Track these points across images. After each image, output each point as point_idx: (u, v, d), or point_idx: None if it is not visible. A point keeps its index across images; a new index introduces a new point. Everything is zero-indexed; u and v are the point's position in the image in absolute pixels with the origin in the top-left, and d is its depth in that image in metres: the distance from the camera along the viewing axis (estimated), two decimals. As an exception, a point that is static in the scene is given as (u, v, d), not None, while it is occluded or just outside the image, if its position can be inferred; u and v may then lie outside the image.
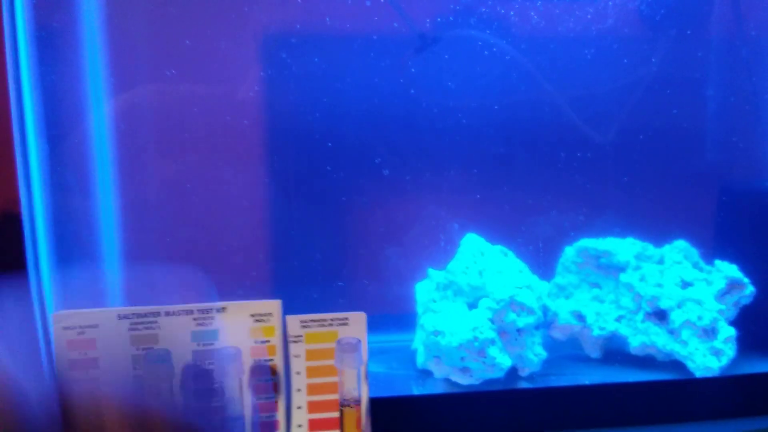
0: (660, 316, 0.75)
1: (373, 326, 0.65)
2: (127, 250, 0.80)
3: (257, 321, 0.63)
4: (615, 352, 0.78)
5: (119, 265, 0.80)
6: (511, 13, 0.82)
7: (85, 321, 0.61)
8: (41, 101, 0.72)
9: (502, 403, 0.71)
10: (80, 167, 0.76)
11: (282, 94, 0.80)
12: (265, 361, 0.63)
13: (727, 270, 0.75)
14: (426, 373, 0.75)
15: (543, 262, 0.81)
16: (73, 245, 0.76)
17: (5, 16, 0.63)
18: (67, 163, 0.75)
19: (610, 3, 0.83)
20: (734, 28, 0.86)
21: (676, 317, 0.73)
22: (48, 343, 0.67)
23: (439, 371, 0.73)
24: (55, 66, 0.73)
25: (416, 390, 0.72)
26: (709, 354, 0.72)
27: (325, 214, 0.84)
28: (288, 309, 0.63)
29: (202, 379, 0.62)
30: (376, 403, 0.65)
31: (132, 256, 0.80)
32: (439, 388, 0.72)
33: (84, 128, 0.76)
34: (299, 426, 0.64)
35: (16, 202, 0.64)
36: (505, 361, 0.70)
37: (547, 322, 0.77)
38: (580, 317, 0.77)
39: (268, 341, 0.63)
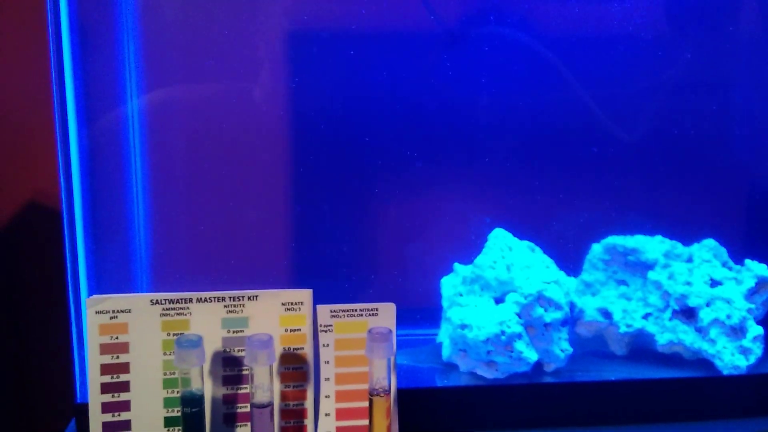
0: (688, 314, 0.75)
1: (399, 319, 0.65)
2: (160, 240, 0.80)
3: (288, 310, 0.63)
4: (641, 349, 0.77)
5: (152, 255, 0.81)
6: (543, 10, 0.82)
7: (118, 306, 0.62)
8: (81, 95, 0.73)
9: (528, 398, 0.71)
10: (117, 161, 0.77)
11: (312, 89, 0.81)
12: (295, 349, 0.63)
13: (757, 269, 0.75)
14: (451, 366, 0.75)
15: (570, 259, 0.81)
16: (109, 235, 0.77)
17: (48, 13, 0.64)
18: (104, 157, 0.76)
19: (640, 3, 0.83)
20: (761, 26, 0.85)
21: (705, 315, 0.72)
22: (80, 326, 0.68)
23: (464, 364, 0.73)
24: (94, 61, 0.74)
25: (441, 383, 0.72)
26: (738, 353, 0.72)
27: (354, 208, 0.84)
28: (317, 300, 0.64)
29: (231, 365, 0.63)
30: (401, 395, 0.65)
31: (165, 246, 0.80)
32: (464, 381, 0.72)
33: (119, 121, 0.77)
34: (327, 414, 0.64)
35: (56, 194, 0.65)
36: (531, 356, 0.70)
37: (572, 318, 0.77)
38: (607, 314, 0.77)
39: (298, 330, 0.63)
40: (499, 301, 0.73)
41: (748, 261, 0.76)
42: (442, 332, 0.78)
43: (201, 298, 0.63)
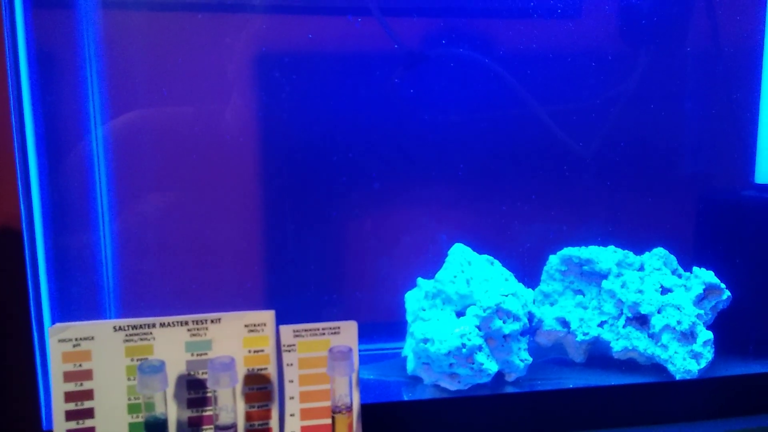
0: (641, 321, 0.77)
1: (365, 334, 0.66)
2: (124, 263, 0.81)
3: (251, 331, 0.64)
4: (598, 356, 0.80)
5: (117, 279, 0.81)
6: (496, 30, 0.85)
7: (81, 333, 0.62)
8: (41, 120, 0.74)
9: (490, 408, 0.73)
10: (78, 183, 0.78)
11: (275, 111, 0.82)
12: (259, 369, 0.64)
13: (705, 276, 0.78)
14: (416, 380, 0.76)
15: (528, 271, 0.83)
16: (71, 260, 0.78)
17: (6, 39, 0.65)
18: (65, 179, 0.77)
19: (590, 20, 0.86)
20: (710, 42, 0.89)
21: (657, 322, 0.75)
22: (44, 354, 0.69)
23: (428, 377, 0.75)
24: (55, 86, 0.75)
25: (406, 396, 0.73)
26: (689, 357, 0.74)
27: (318, 227, 0.86)
28: (281, 318, 0.65)
29: (195, 388, 0.64)
30: (367, 409, 0.67)
31: (129, 269, 0.81)
32: (428, 394, 0.73)
33: (82, 146, 0.78)
34: (292, 433, 0.65)
35: (17, 217, 0.65)
36: (492, 367, 0.72)
37: (532, 328, 0.79)
38: (565, 323, 0.80)
39: (261, 351, 0.64)
40: (460, 314, 0.75)
41: (696, 268, 0.79)
42: (406, 346, 0.79)
43: (164, 323, 0.63)
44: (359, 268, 0.87)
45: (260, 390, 0.64)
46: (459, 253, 0.78)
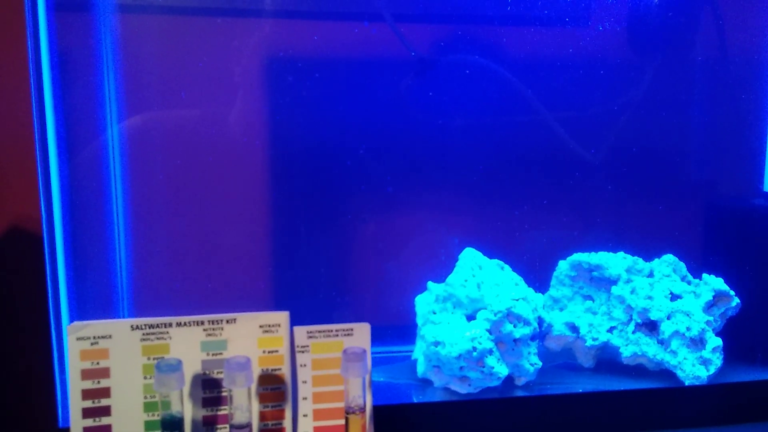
0: (650, 327, 0.78)
1: (375, 337, 0.67)
2: (139, 264, 0.82)
3: (266, 332, 0.65)
4: (607, 361, 0.81)
5: (132, 279, 0.82)
6: (507, 38, 0.86)
7: (99, 332, 0.63)
8: (62, 124, 0.75)
9: (499, 411, 0.73)
10: (96, 185, 0.79)
11: (288, 115, 0.83)
12: (273, 370, 0.65)
13: (714, 283, 0.79)
14: (426, 382, 0.77)
15: (538, 276, 0.84)
16: (89, 260, 0.79)
17: (29, 43, 0.66)
18: (84, 181, 0.78)
19: (600, 28, 0.87)
20: (719, 50, 0.90)
21: (666, 328, 0.76)
22: (62, 352, 0.70)
23: (438, 380, 0.75)
24: (75, 89, 0.76)
25: (417, 398, 0.74)
26: (698, 363, 0.75)
27: (330, 230, 0.87)
28: (294, 320, 0.66)
29: (210, 387, 0.65)
30: (378, 411, 0.67)
31: (145, 270, 0.82)
32: (438, 397, 0.74)
33: (100, 149, 0.79)
34: (305, 433, 0.66)
35: (37, 219, 0.66)
36: (502, 371, 0.72)
37: (542, 333, 0.79)
38: (574, 328, 0.80)
39: (276, 351, 0.65)
40: (470, 318, 0.76)
41: (705, 275, 0.80)
42: (417, 349, 0.80)
43: (180, 323, 0.64)
44: (370, 271, 0.88)
45: (274, 390, 0.65)
46: (470, 258, 0.79)
